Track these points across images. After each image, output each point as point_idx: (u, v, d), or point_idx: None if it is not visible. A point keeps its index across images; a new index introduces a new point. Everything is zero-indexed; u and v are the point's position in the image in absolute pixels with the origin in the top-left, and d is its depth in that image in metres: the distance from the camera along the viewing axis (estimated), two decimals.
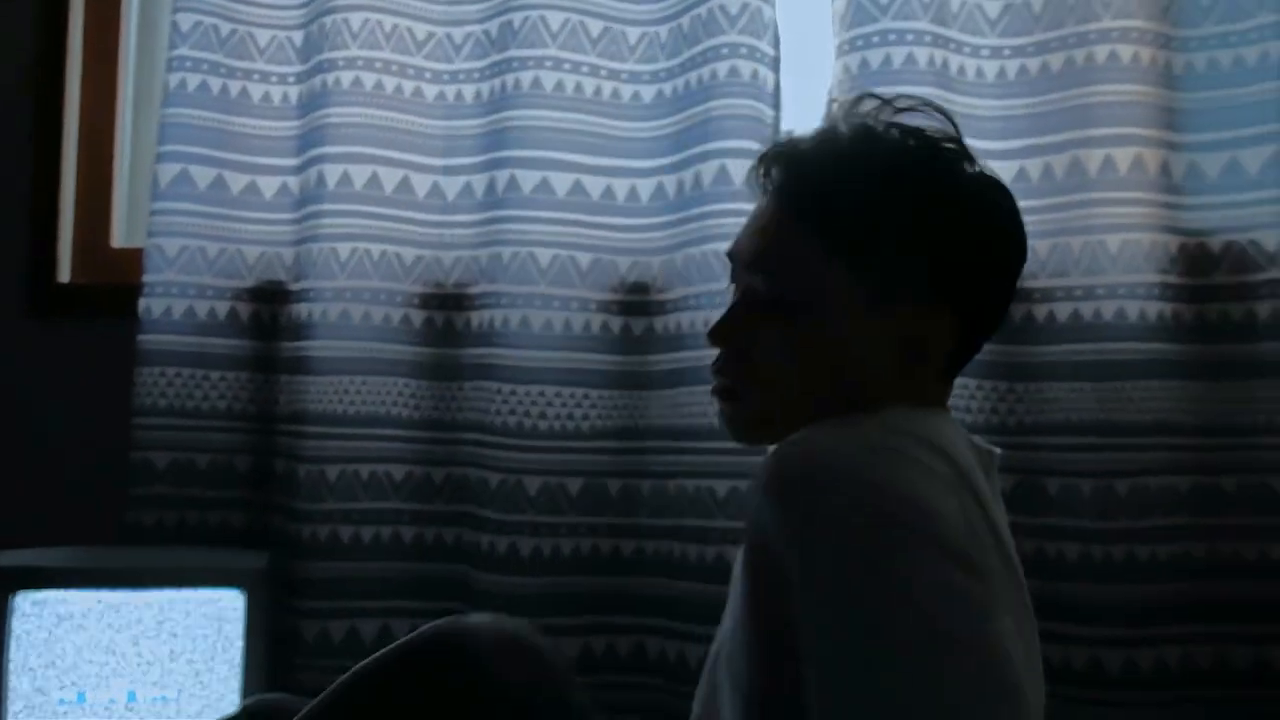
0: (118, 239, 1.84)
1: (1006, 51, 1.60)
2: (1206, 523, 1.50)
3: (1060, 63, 1.56)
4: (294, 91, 1.71)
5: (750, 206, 1.56)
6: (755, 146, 1.57)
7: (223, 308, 1.67)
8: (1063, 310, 1.54)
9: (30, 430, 1.77)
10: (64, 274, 1.80)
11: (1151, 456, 1.51)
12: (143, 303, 1.65)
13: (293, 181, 1.70)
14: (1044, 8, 1.58)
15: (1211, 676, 1.49)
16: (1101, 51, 1.54)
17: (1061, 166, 1.55)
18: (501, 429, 1.58)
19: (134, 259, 1.78)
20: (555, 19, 1.62)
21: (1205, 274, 1.54)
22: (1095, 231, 1.53)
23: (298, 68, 1.72)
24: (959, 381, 1.54)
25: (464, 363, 1.64)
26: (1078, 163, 1.53)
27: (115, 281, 1.79)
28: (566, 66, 1.62)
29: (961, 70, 1.59)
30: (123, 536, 1.61)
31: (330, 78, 1.64)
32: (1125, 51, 1.53)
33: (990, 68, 1.60)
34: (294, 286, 1.67)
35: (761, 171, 0.98)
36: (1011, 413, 1.55)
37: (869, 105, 0.97)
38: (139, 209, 1.85)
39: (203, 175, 1.67)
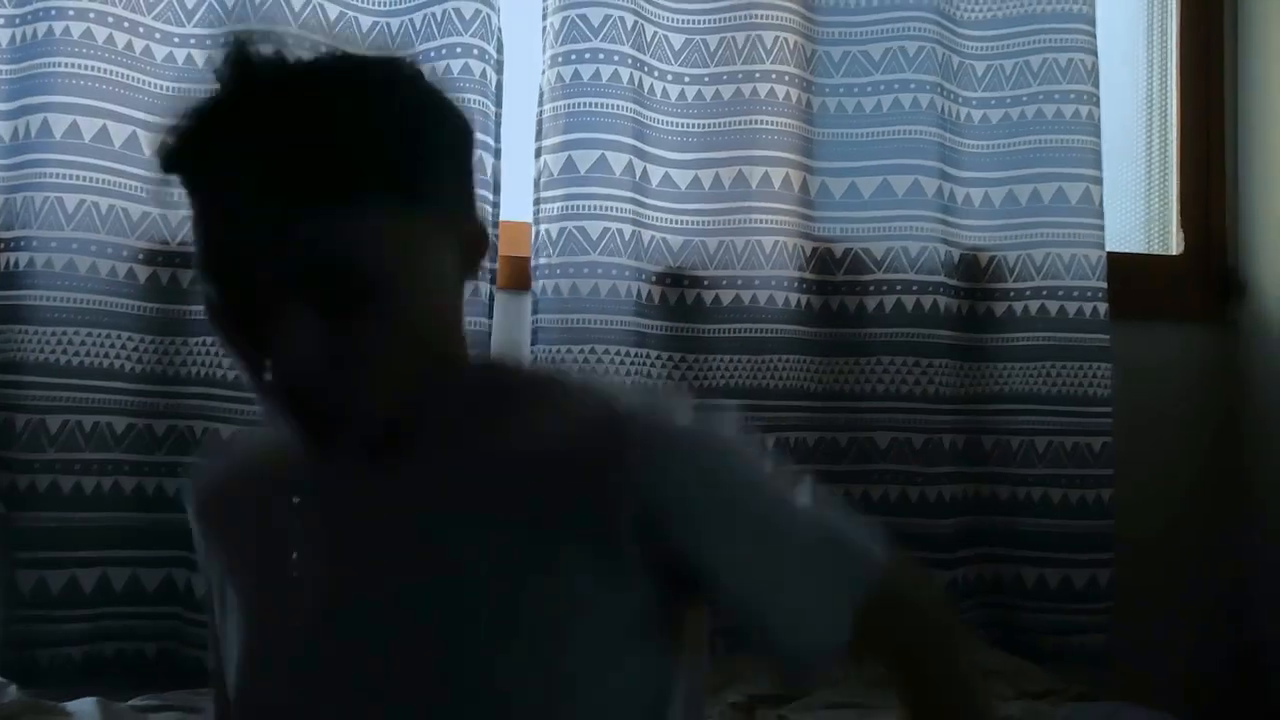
0: None
1: (687, 79, 1.91)
2: (827, 468, 1.89)
3: (730, 93, 1.90)
4: (4, 34, 1.67)
5: None
6: (483, 139, 1.77)
7: None
8: (726, 295, 1.88)
9: None
10: None
11: (789, 416, 1.89)
12: None
13: (3, 127, 1.65)
14: (718, 46, 1.91)
15: None
16: (763, 88, 1.90)
17: (729, 178, 1.89)
18: (231, 383, 1.66)
19: None
20: (295, 0, 1.72)
21: (830, 272, 1.95)
22: (754, 233, 1.88)
23: (9, 10, 1.67)
24: (639, 351, 1.83)
25: (191, 318, 1.69)
26: (742, 176, 1.88)
27: None
28: (306, 45, 1.72)
29: (652, 90, 1.88)
30: None
31: (58, 26, 1.63)
32: (780, 90, 1.90)
33: (674, 90, 1.91)
34: (6, 234, 1.63)
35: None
36: (684, 379, 1.86)
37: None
38: None
39: None
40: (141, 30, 1.70)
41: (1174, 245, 2.24)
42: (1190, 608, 2.13)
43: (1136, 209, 2.26)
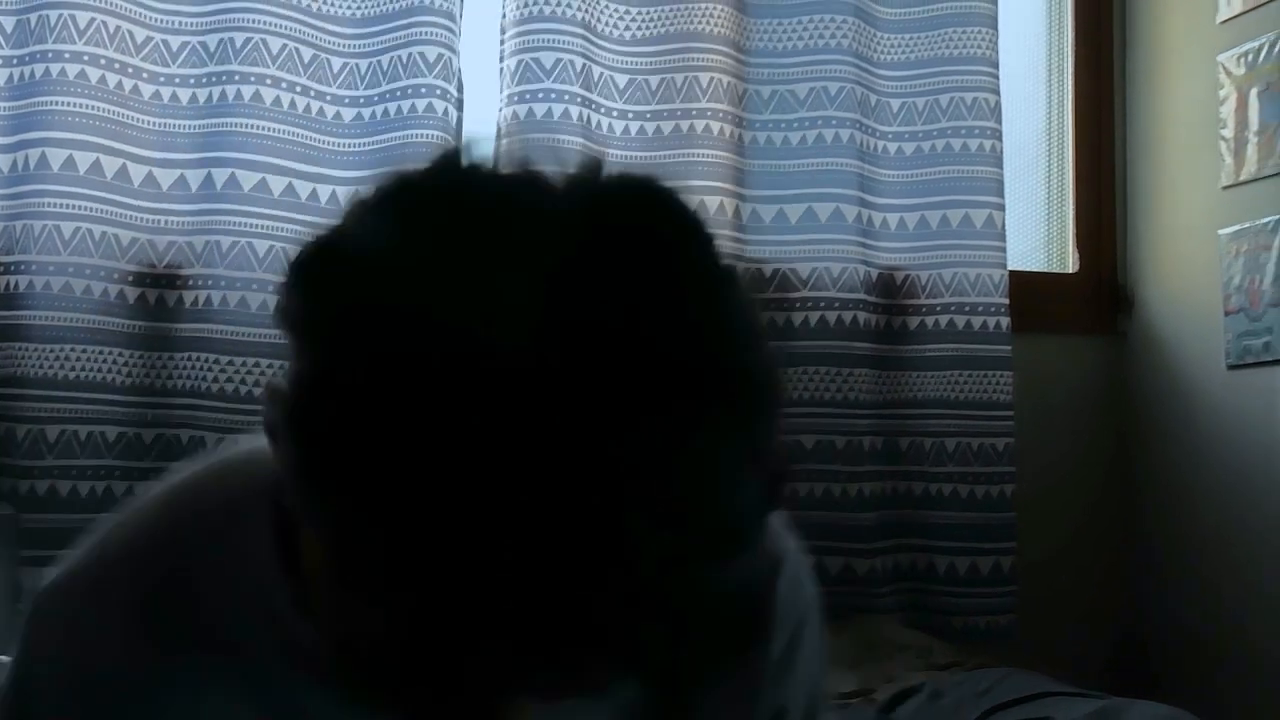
0: None
1: (631, 115, 2.10)
2: None
3: (670, 128, 2.09)
4: (2, 74, 1.81)
5: None
6: None
7: None
8: None
9: None
10: None
11: None
12: None
13: (2, 159, 1.79)
14: (659, 85, 2.10)
15: None
16: (699, 124, 2.09)
17: None
18: (218, 394, 1.81)
19: None
20: (275, 43, 1.88)
21: (760, 291, 2.14)
22: None
23: (8, 52, 1.81)
24: None
25: (177, 335, 1.84)
26: None
27: None
28: (284, 85, 1.89)
29: (599, 125, 2.07)
30: None
31: (55, 67, 1.78)
32: (714, 126, 2.10)
33: (619, 125, 2.09)
34: (4, 258, 1.77)
35: None
36: None
37: None
38: None
39: None
40: (130, 70, 1.85)
41: (1070, 264, 2.47)
42: (1086, 591, 2.36)
43: (1037, 232, 2.49)
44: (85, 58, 1.80)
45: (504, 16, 2.04)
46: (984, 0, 2.24)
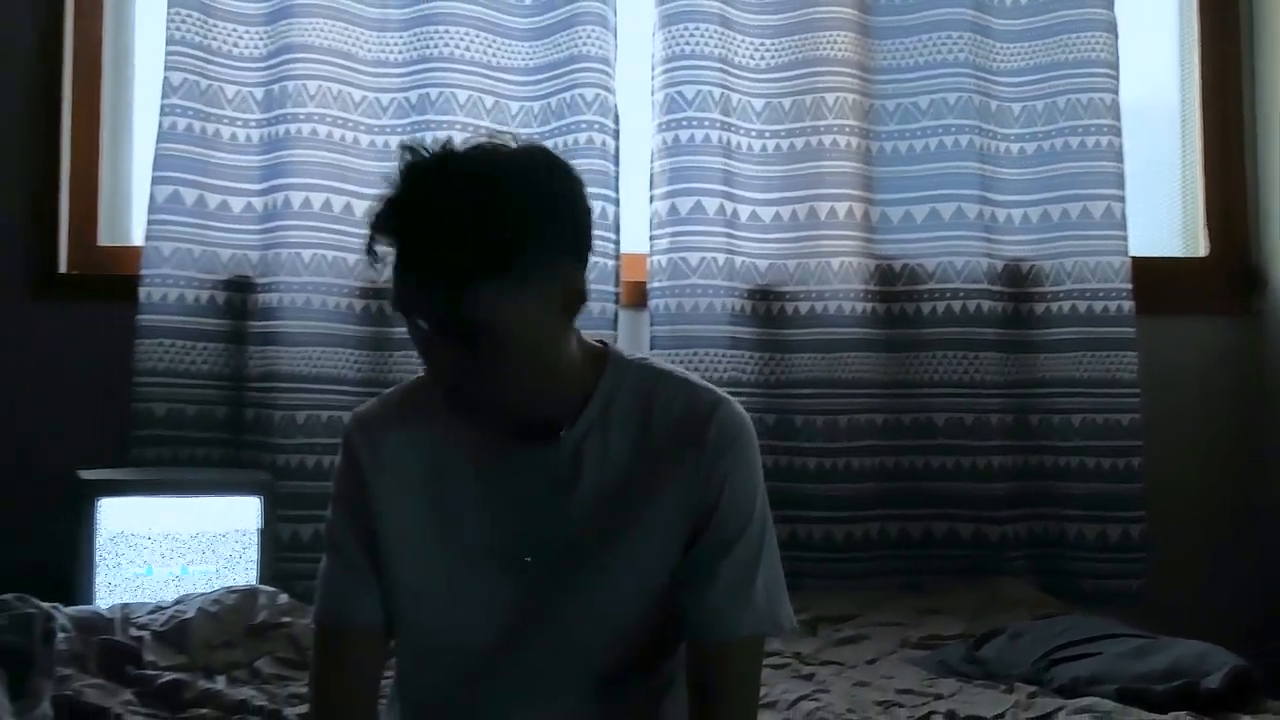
0: (102, 239, 2.34)
1: (767, 134, 2.38)
2: (892, 444, 2.34)
3: (802, 144, 2.36)
4: (255, 134, 2.27)
5: None
6: (605, 193, 2.28)
7: (204, 295, 2.21)
8: (804, 306, 2.34)
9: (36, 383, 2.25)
10: (62, 266, 2.29)
11: (858, 401, 2.33)
12: (143, 290, 2.17)
13: (257, 201, 2.25)
14: (790, 107, 2.37)
15: (897, 542, 2.33)
16: (827, 139, 2.35)
17: (803, 213, 2.35)
18: None
19: (117, 255, 2.29)
20: (462, 95, 2.28)
21: (890, 284, 2.38)
22: (825, 255, 2.34)
23: (259, 115, 2.27)
24: (735, 353, 2.31)
25: (394, 337, 2.25)
26: (813, 211, 2.34)
27: (102, 273, 2.29)
28: (470, 129, 2.27)
29: (738, 145, 2.36)
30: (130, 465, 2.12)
31: (293, 127, 2.22)
32: (841, 139, 2.35)
33: (756, 144, 2.38)
34: (261, 280, 2.23)
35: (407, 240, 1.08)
36: (772, 373, 2.33)
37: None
38: (116, 217, 2.36)
39: (188, 195, 2.21)
40: (350, 124, 2.27)
41: (1201, 248, 2.58)
42: (1215, 557, 2.46)
43: (1172, 220, 2.61)
44: (316, 117, 2.23)
45: (653, 56, 2.36)
46: (1102, 8, 2.40)
